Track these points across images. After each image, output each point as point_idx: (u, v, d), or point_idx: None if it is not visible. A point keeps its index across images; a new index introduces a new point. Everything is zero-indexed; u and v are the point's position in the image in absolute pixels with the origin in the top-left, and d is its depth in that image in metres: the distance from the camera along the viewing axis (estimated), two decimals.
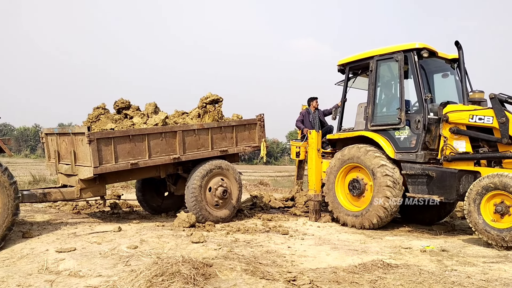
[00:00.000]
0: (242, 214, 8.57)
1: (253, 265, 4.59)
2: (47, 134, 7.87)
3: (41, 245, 5.66)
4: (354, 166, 7.76)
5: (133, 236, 6.15)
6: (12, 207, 5.62)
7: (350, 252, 5.68)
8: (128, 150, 6.95)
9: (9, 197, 5.60)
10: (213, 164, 7.73)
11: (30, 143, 55.91)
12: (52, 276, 4.59)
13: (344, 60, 8.46)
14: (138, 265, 4.81)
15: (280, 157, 55.28)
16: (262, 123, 8.63)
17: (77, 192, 6.99)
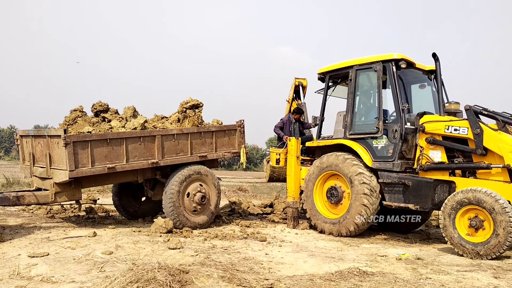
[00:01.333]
0: (220, 220, 8.53)
1: (230, 272, 4.56)
2: (22, 136, 7.71)
3: (13, 250, 5.53)
4: (332, 173, 7.82)
5: (109, 242, 6.05)
6: None
7: (327, 259, 5.71)
8: (105, 154, 6.85)
9: None
10: (192, 169, 7.68)
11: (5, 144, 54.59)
12: (24, 282, 4.47)
13: (325, 68, 8.54)
14: (113, 271, 4.73)
15: (260, 163, 55.34)
16: (242, 129, 8.64)
17: (51, 196, 6.84)
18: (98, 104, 8.15)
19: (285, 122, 9.43)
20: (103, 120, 8.01)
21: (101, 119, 8.02)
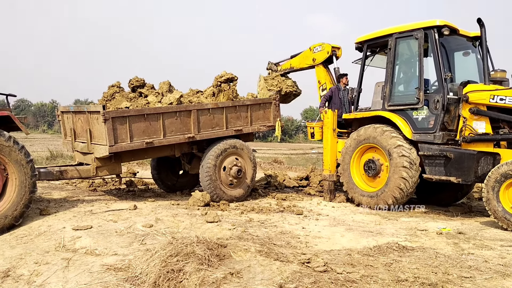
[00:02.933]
0: (256, 193, 8.57)
1: (267, 246, 4.58)
2: (63, 112, 7.90)
3: (58, 223, 5.74)
4: (370, 146, 7.65)
5: (149, 215, 6.20)
6: (29, 184, 5.70)
7: (365, 233, 5.64)
8: (143, 129, 6.94)
9: (26, 175, 5.67)
10: (228, 143, 7.70)
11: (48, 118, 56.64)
12: (69, 254, 4.66)
13: (363, 37, 8.25)
14: (153, 244, 4.86)
15: (295, 134, 55.13)
16: (277, 102, 8.54)
17: (93, 170, 7.05)
18: (134, 80, 8.23)
19: (334, 91, 9.07)
20: (140, 96, 8.10)
21: (138, 95, 8.12)
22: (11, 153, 5.54)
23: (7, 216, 5.50)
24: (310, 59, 9.60)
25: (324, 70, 9.55)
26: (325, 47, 9.42)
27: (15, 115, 5.90)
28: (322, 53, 9.42)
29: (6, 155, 5.51)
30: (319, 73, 9.59)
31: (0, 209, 5.50)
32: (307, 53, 9.67)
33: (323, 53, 9.41)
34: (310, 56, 9.60)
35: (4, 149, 5.48)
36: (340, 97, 9.00)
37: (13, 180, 5.63)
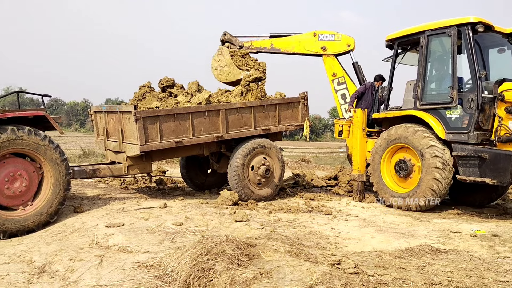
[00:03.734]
0: (284, 193, 8.55)
1: (297, 247, 4.57)
2: (96, 111, 8.09)
3: (92, 220, 5.88)
4: (401, 146, 7.51)
5: (178, 213, 6.27)
6: (63, 182, 5.86)
7: (396, 235, 5.55)
8: (172, 129, 7.03)
9: (61, 173, 5.83)
10: (256, 142, 7.71)
11: (80, 117, 58.09)
12: (102, 251, 4.77)
13: (393, 34, 8.11)
14: (183, 242, 4.91)
15: (322, 133, 54.70)
16: (306, 101, 8.48)
17: (124, 169, 7.19)
18: (164, 80, 8.33)
19: (368, 88, 8.84)
20: (170, 95, 8.20)
21: (167, 94, 8.22)
22: (47, 152, 5.71)
23: (43, 213, 5.67)
24: (317, 47, 9.04)
25: (337, 62, 9.19)
26: (344, 38, 9.03)
27: (49, 114, 6.07)
28: (339, 44, 9.01)
29: (42, 154, 5.68)
30: (334, 65, 9.15)
31: (36, 206, 5.68)
32: (309, 38, 9.03)
33: (341, 44, 9.02)
34: (316, 43, 9.02)
35: (40, 148, 5.65)
36: (372, 95, 8.86)
37: (49, 178, 5.80)
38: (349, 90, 9.18)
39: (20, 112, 5.74)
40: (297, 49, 9.09)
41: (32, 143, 5.58)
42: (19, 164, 5.63)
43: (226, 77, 8.67)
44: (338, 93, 9.23)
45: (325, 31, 9.04)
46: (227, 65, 8.62)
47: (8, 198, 5.55)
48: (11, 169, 5.54)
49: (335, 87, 9.23)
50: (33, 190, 5.76)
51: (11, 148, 5.45)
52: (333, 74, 9.19)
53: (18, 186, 5.59)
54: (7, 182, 5.49)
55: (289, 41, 9.10)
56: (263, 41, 9.13)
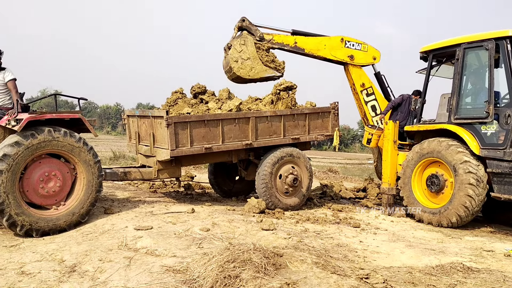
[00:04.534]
0: (311, 203, 8.48)
1: (324, 258, 4.52)
2: (129, 115, 8.26)
3: (121, 222, 5.98)
4: (433, 160, 7.35)
5: (206, 219, 6.31)
6: (96, 184, 6.00)
7: (426, 251, 5.41)
8: (202, 135, 7.09)
9: (93, 175, 5.97)
10: (284, 151, 7.69)
11: (112, 120, 59.35)
12: (131, 253, 4.84)
13: (428, 47, 7.97)
14: (210, 248, 4.94)
15: (351, 144, 54.05)
16: (336, 111, 8.41)
17: (154, 173, 7.30)
18: (196, 86, 8.43)
19: (405, 100, 8.67)
20: (201, 102, 8.29)
21: (199, 101, 8.31)
22: (81, 153, 5.86)
23: (74, 213, 5.81)
24: (344, 54, 8.60)
25: (365, 72, 8.89)
26: (371, 50, 8.79)
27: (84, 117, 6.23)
28: (365, 55, 8.74)
29: (76, 155, 5.83)
30: (362, 75, 8.86)
31: (68, 206, 5.83)
32: (336, 43, 8.51)
33: (367, 56, 8.77)
34: (343, 49, 8.58)
35: (75, 150, 5.81)
36: (409, 108, 8.70)
37: (81, 180, 5.95)
38: (378, 101, 8.97)
39: (57, 114, 5.91)
40: (323, 52, 8.53)
41: (67, 144, 5.74)
42: (54, 165, 5.79)
43: (248, 72, 7.84)
44: (368, 104, 8.98)
45: (353, 38, 8.67)
46: (250, 58, 7.80)
47: (42, 197, 5.71)
48: (46, 169, 5.70)
49: (364, 98, 8.94)
50: (66, 191, 5.91)
51: (47, 149, 5.62)
52: (362, 84, 8.90)
53: (52, 186, 5.74)
54: (42, 182, 5.65)
55: (315, 42, 8.46)
56: (286, 36, 8.30)
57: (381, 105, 8.97)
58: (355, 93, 9.00)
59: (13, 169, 5.31)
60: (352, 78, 8.86)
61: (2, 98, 6.11)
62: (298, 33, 8.47)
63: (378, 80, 9.15)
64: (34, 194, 5.63)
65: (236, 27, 8.09)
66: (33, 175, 5.60)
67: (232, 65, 7.83)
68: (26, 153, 5.40)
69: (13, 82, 6.07)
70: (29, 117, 5.47)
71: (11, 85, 6.05)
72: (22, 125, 5.37)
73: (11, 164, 5.29)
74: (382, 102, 8.99)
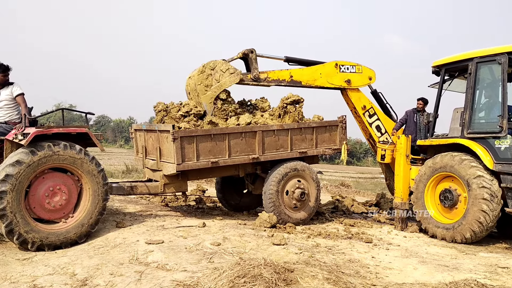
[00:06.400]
0: (323, 218, 8.41)
1: (335, 274, 4.48)
2: (136, 130, 8.29)
3: (133, 236, 5.99)
4: (446, 175, 7.27)
5: (217, 233, 6.30)
6: (102, 193, 6.00)
7: (440, 267, 5.33)
8: (209, 149, 7.07)
9: (98, 184, 5.98)
10: (288, 167, 7.59)
11: (125, 134, 59.85)
12: (142, 267, 4.84)
13: (440, 61, 7.95)
14: (221, 263, 4.92)
15: (363, 157, 53.71)
16: (344, 125, 8.36)
17: (161, 187, 7.30)
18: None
19: (409, 114, 8.58)
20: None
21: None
22: (83, 164, 5.86)
23: (84, 224, 5.82)
24: (341, 80, 8.43)
25: (363, 94, 8.77)
26: (365, 71, 8.67)
27: (93, 131, 6.27)
28: (360, 77, 8.60)
29: (78, 166, 5.84)
30: (361, 97, 8.75)
31: (77, 218, 5.84)
32: (331, 69, 8.35)
33: (363, 77, 8.64)
34: (339, 75, 8.42)
35: (77, 162, 5.81)
36: (415, 120, 8.63)
37: (87, 190, 5.96)
38: (381, 120, 8.82)
39: (64, 128, 5.93)
40: (320, 82, 8.32)
41: (69, 157, 5.74)
42: (58, 179, 5.79)
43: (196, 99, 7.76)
44: (373, 125, 8.82)
45: (346, 62, 8.54)
46: (199, 94, 7.63)
47: (49, 212, 5.72)
48: (51, 184, 5.71)
49: (367, 120, 8.79)
50: (73, 203, 5.92)
51: (49, 164, 5.62)
52: (363, 107, 8.75)
53: (58, 199, 5.76)
54: (47, 197, 5.66)
55: (310, 72, 8.30)
56: (281, 72, 8.15)
57: (385, 123, 8.87)
58: (357, 116, 8.90)
59: (17, 188, 5.32)
60: (352, 102, 8.71)
61: (10, 113, 6.16)
62: (291, 59, 8.36)
63: (376, 99, 9.06)
64: (41, 209, 5.66)
65: (241, 54, 7.94)
66: (38, 191, 5.62)
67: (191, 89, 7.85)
68: (28, 170, 5.40)
69: (22, 96, 6.13)
70: (36, 132, 5.50)
71: (20, 99, 6.11)
72: (28, 139, 5.40)
73: (15, 184, 5.30)
74: (385, 121, 8.90)
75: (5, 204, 5.22)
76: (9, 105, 6.14)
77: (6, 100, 6.11)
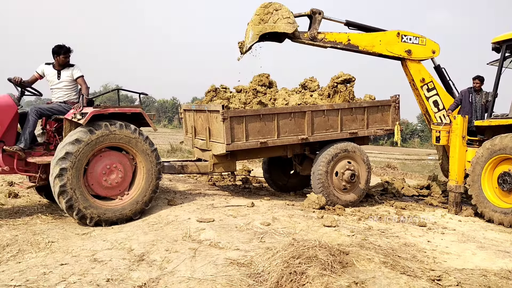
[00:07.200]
0: (373, 200, 8.24)
1: (392, 258, 4.36)
2: (185, 110, 8.35)
3: (184, 214, 6.10)
4: (506, 157, 6.90)
5: (266, 213, 6.30)
6: (155, 172, 6.14)
7: (500, 253, 5.10)
8: (258, 129, 7.03)
9: (152, 163, 6.12)
10: (339, 147, 7.45)
11: (168, 114, 61.08)
12: (195, 245, 4.92)
13: (501, 37, 7.48)
14: (272, 242, 4.92)
15: (409, 139, 52.26)
16: (397, 104, 8.07)
17: (210, 167, 7.36)
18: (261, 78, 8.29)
19: (464, 94, 8.18)
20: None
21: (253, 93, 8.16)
22: (138, 143, 6.01)
23: (138, 201, 6.00)
24: (401, 49, 8.14)
25: (424, 67, 8.39)
26: (429, 43, 8.27)
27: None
28: (423, 49, 8.24)
29: (133, 146, 5.99)
30: (421, 70, 8.38)
31: (132, 196, 6.02)
32: (392, 38, 8.09)
33: (426, 50, 8.27)
34: (400, 44, 8.14)
35: (132, 141, 5.96)
36: (470, 100, 8.21)
37: (141, 169, 6.11)
38: (440, 96, 8.44)
39: (120, 108, 6.08)
40: (378, 49, 8.08)
41: (124, 136, 5.89)
42: (114, 157, 5.97)
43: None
44: (430, 100, 8.44)
45: (409, 32, 8.22)
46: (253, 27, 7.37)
47: (106, 189, 5.93)
48: (108, 162, 5.90)
49: (425, 93, 8.44)
50: (128, 181, 6.09)
51: (106, 143, 5.79)
52: (422, 79, 8.39)
53: (114, 177, 5.94)
54: (104, 175, 5.86)
55: (369, 38, 8.08)
56: (339, 34, 7.99)
57: (444, 99, 8.48)
58: (414, 89, 8.56)
59: (76, 166, 5.52)
60: (411, 74, 8.39)
61: (69, 93, 6.34)
62: (351, 23, 8.13)
63: (439, 74, 8.65)
64: (98, 186, 5.86)
65: (310, 11, 7.73)
66: (95, 169, 5.82)
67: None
68: (86, 149, 5.60)
69: (82, 78, 6.30)
70: (93, 111, 5.66)
71: (81, 81, 6.29)
72: (87, 119, 5.56)
73: (74, 161, 5.50)
74: (445, 97, 8.50)
75: (65, 181, 5.44)
76: (69, 86, 6.33)
77: (66, 81, 6.30)
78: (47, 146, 6.17)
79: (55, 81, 6.30)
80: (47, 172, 5.82)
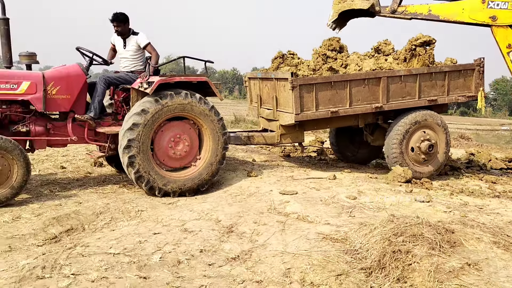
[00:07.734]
0: (459, 173, 7.69)
1: (501, 237, 4.01)
2: (250, 78, 8.03)
3: (265, 185, 6.00)
4: None
5: (349, 186, 6.08)
6: (221, 142, 6.00)
7: None
8: (328, 98, 6.65)
9: (218, 133, 5.98)
10: (416, 116, 6.93)
11: (229, 85, 61.43)
12: (282, 217, 4.81)
13: None
14: (362, 217, 4.71)
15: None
16: (482, 68, 7.35)
17: (277, 137, 7.08)
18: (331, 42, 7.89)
19: None
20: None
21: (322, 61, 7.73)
22: (203, 113, 5.84)
23: (212, 163, 5.91)
24: (485, 16, 7.47)
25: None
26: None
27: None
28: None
29: (198, 115, 5.84)
30: (508, 36, 7.54)
31: (204, 158, 5.94)
32: (477, 5, 7.53)
33: None
34: (485, 11, 7.48)
35: (196, 110, 5.81)
36: None
37: (207, 136, 5.97)
38: None
39: (185, 77, 5.94)
40: (460, 17, 7.64)
41: (189, 106, 5.76)
42: (175, 128, 5.84)
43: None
44: None
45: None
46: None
47: (179, 160, 5.89)
48: (171, 135, 5.79)
49: (511, 59, 7.82)
50: (196, 146, 5.99)
51: (171, 113, 5.69)
52: (508, 45, 7.59)
53: (182, 147, 5.87)
54: (171, 148, 5.79)
55: (452, 7, 7.67)
56: (420, 6, 7.74)
57: None
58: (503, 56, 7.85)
59: (144, 135, 5.48)
60: (496, 40, 7.71)
61: (135, 63, 6.26)
62: None
63: None
64: (170, 160, 5.83)
65: None
66: (161, 144, 5.76)
67: None
68: (153, 119, 5.54)
69: (151, 45, 6.15)
70: (159, 80, 5.57)
71: (150, 48, 6.13)
72: (153, 88, 5.49)
73: (140, 132, 5.45)
74: None
75: (133, 152, 5.44)
76: (135, 56, 6.24)
77: (131, 51, 6.21)
78: (115, 116, 6.16)
79: (121, 50, 6.25)
80: (115, 142, 5.85)
